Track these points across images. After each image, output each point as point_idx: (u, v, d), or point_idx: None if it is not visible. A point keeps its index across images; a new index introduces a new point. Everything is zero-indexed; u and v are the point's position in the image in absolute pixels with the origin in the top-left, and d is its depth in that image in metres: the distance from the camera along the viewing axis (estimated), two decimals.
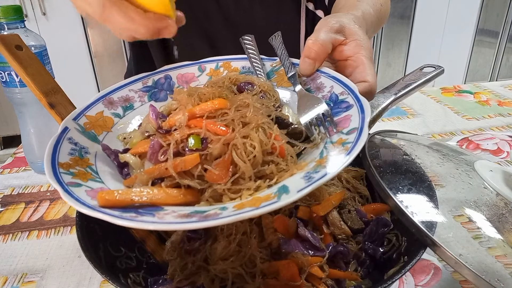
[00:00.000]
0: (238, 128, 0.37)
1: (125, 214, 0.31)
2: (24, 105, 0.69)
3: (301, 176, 0.34)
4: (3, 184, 0.73)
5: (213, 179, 0.35)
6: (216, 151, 0.36)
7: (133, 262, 0.46)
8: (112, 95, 0.49)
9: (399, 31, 2.77)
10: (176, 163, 0.35)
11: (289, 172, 0.36)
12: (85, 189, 0.34)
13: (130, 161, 0.40)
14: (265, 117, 0.40)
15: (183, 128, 0.38)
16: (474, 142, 0.82)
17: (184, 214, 0.32)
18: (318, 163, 0.36)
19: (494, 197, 0.44)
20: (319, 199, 0.49)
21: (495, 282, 0.35)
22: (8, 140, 2.73)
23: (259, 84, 0.50)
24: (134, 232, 0.46)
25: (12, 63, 0.47)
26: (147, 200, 0.33)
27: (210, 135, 0.36)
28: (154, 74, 0.53)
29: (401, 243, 0.45)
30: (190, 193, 0.35)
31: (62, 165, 0.36)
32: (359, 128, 0.37)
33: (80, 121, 0.44)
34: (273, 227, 0.45)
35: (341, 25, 0.50)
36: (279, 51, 0.53)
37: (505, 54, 3.04)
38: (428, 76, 0.60)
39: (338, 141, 0.38)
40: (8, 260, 0.55)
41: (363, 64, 0.48)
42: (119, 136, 0.46)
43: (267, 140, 0.37)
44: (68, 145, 0.40)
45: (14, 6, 0.64)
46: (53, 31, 2.31)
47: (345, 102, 0.43)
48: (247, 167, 0.35)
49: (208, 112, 0.39)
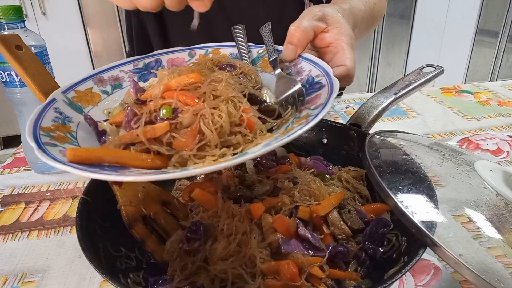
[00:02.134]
0: (208, 100, 0.38)
1: (90, 168, 0.33)
2: (24, 105, 0.69)
3: (262, 145, 0.36)
4: (3, 184, 0.73)
5: (179, 146, 0.36)
6: (186, 121, 0.37)
7: (133, 262, 0.46)
8: (103, 74, 0.51)
9: (399, 31, 2.77)
10: (147, 129, 0.37)
11: (255, 142, 0.38)
12: (59, 149, 0.36)
13: (107, 129, 0.42)
14: (237, 92, 0.41)
15: (157, 99, 0.39)
16: (474, 142, 0.82)
17: (144, 172, 0.34)
18: (281, 134, 0.38)
19: (494, 197, 0.44)
20: (319, 199, 0.49)
21: (495, 282, 0.35)
22: (8, 140, 2.73)
23: (240, 66, 0.51)
24: (134, 232, 0.46)
25: (12, 63, 0.47)
26: (114, 160, 0.35)
27: (182, 106, 0.38)
28: (145, 57, 0.55)
29: (401, 243, 0.45)
30: (158, 158, 0.37)
31: (43, 128, 0.38)
32: (324, 104, 0.39)
33: (68, 95, 0.46)
34: (273, 227, 0.45)
35: (324, 14, 0.52)
36: (266, 39, 0.55)
37: (505, 54, 3.04)
38: (428, 76, 0.60)
39: (304, 115, 0.40)
40: (8, 260, 0.55)
41: (342, 49, 0.49)
42: (105, 111, 0.47)
43: (235, 112, 0.38)
44: (53, 113, 0.42)
45: (14, 6, 0.64)
46: (53, 31, 2.31)
47: (318, 83, 0.45)
48: (213, 136, 0.36)
49: (182, 85, 0.40)
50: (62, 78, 0.69)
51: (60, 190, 0.71)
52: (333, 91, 0.40)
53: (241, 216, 0.45)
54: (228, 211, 0.46)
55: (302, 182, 0.51)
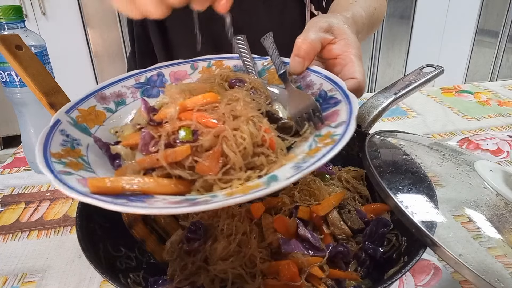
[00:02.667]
0: (228, 121, 0.37)
1: (116, 200, 0.31)
2: (24, 105, 0.69)
3: (290, 167, 0.35)
4: (3, 184, 0.73)
5: (203, 171, 0.35)
6: (207, 143, 0.36)
7: (133, 262, 0.46)
8: (104, 91, 0.49)
9: (399, 31, 2.77)
10: (167, 153, 0.35)
11: (279, 163, 0.37)
12: (76, 178, 0.35)
13: (121, 152, 0.40)
14: (255, 111, 0.40)
15: (174, 121, 0.38)
16: (474, 142, 0.82)
17: (174, 201, 0.32)
18: (306, 154, 0.37)
19: (494, 197, 0.44)
20: (319, 199, 0.49)
21: (495, 282, 0.35)
22: (8, 140, 2.73)
23: (250, 81, 0.50)
24: (134, 232, 0.46)
25: (12, 63, 0.47)
26: (138, 188, 0.33)
27: (201, 127, 0.37)
28: (147, 71, 0.54)
29: (401, 243, 0.45)
30: (181, 183, 0.35)
31: (53, 154, 0.37)
32: (347, 121, 0.38)
33: (72, 114, 0.44)
34: (273, 227, 0.45)
35: (330, 25, 0.51)
36: (270, 50, 0.54)
37: (505, 54, 3.03)
38: (428, 76, 0.60)
39: (326, 134, 0.39)
40: (8, 260, 0.55)
41: (351, 61, 0.49)
42: (111, 130, 0.46)
43: (257, 132, 0.37)
44: (60, 136, 0.40)
45: (14, 6, 0.64)
46: (53, 31, 2.31)
47: (333, 98, 0.44)
48: (237, 158, 0.35)
49: (199, 106, 0.39)
50: (62, 78, 0.69)
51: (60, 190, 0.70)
52: (353, 107, 0.39)
53: (241, 216, 0.45)
54: (228, 211, 0.46)
55: (302, 182, 0.51)
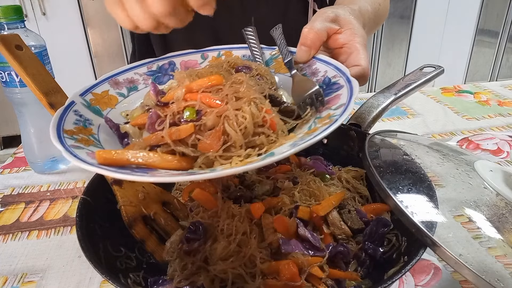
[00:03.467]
0: (231, 101, 0.38)
1: (121, 169, 0.34)
2: (24, 105, 0.69)
3: (288, 145, 0.37)
4: (3, 184, 0.73)
5: (205, 148, 0.36)
6: (210, 122, 0.37)
7: (133, 262, 0.46)
8: (117, 77, 0.51)
9: (399, 31, 2.77)
10: (172, 131, 0.37)
11: (279, 143, 0.38)
12: (86, 151, 0.36)
13: (130, 131, 0.42)
14: (258, 93, 0.41)
15: (179, 101, 0.40)
16: (474, 142, 0.82)
17: (175, 173, 0.34)
18: (305, 134, 0.38)
19: (494, 197, 0.44)
20: (319, 199, 0.49)
21: (495, 282, 0.35)
22: (8, 140, 2.73)
23: (256, 68, 0.51)
24: (134, 232, 0.46)
25: (12, 63, 0.47)
26: (143, 162, 0.35)
27: (205, 107, 0.38)
28: (159, 60, 0.56)
29: (401, 243, 0.45)
30: (184, 160, 0.37)
31: (66, 131, 0.39)
32: (346, 104, 0.39)
33: (86, 97, 0.46)
34: (273, 227, 0.45)
35: (336, 15, 0.52)
36: (278, 40, 0.55)
37: (505, 54, 3.03)
38: (428, 76, 0.60)
39: (326, 116, 0.40)
40: (8, 260, 0.55)
41: (356, 50, 0.50)
42: (122, 113, 0.48)
43: (258, 113, 0.38)
44: (74, 116, 0.42)
45: (14, 6, 0.64)
46: (53, 31, 2.31)
47: (336, 84, 0.45)
48: (238, 136, 0.36)
49: (204, 87, 0.41)
50: (62, 78, 0.69)
51: (60, 190, 0.71)
52: (353, 91, 0.41)
53: (241, 216, 0.45)
54: (228, 211, 0.46)
55: (302, 182, 0.51)
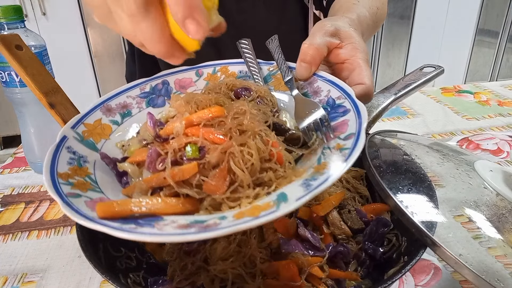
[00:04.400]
0: (235, 136, 0.36)
1: (124, 225, 0.31)
2: (24, 105, 0.69)
3: (299, 184, 0.34)
4: (3, 184, 0.73)
5: (210, 190, 0.35)
6: (214, 160, 0.35)
7: (133, 262, 0.46)
8: (110, 102, 0.49)
9: (399, 31, 2.77)
10: (174, 172, 0.35)
11: (288, 179, 0.36)
12: (84, 200, 0.34)
13: (128, 170, 0.40)
14: (262, 124, 0.40)
15: (180, 137, 0.38)
16: (474, 142, 0.82)
17: (183, 224, 0.31)
18: (316, 169, 0.36)
19: (494, 197, 0.44)
20: (319, 199, 0.49)
21: (495, 282, 0.35)
22: (8, 140, 2.73)
23: (255, 90, 0.49)
24: None
25: (12, 63, 0.47)
26: (146, 211, 0.33)
27: (208, 144, 0.36)
28: (151, 79, 0.53)
29: (401, 243, 0.45)
30: (189, 202, 0.35)
31: (61, 175, 0.36)
32: (356, 134, 0.37)
33: (78, 129, 0.43)
34: (273, 227, 0.45)
35: (336, 28, 0.50)
36: (276, 55, 0.53)
37: (505, 54, 3.04)
38: (428, 76, 0.60)
39: (336, 146, 0.38)
40: (8, 260, 0.55)
41: (359, 66, 0.48)
42: (118, 144, 0.46)
43: (264, 147, 0.37)
44: (67, 154, 0.40)
45: (14, 6, 0.64)
46: (53, 31, 2.31)
47: (342, 106, 0.43)
48: (245, 176, 0.35)
49: (205, 120, 0.39)
50: (62, 78, 0.69)
51: None
52: (362, 117, 0.38)
53: None
54: None
55: None
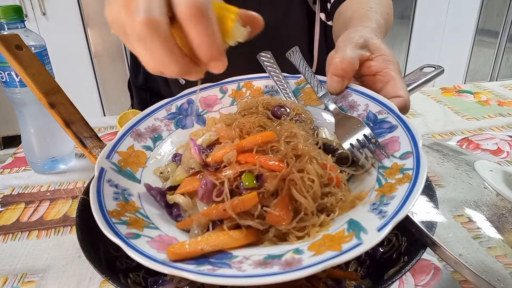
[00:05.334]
0: (292, 162, 0.35)
1: (201, 267, 0.30)
2: (24, 105, 0.69)
3: (367, 209, 0.33)
4: (3, 184, 0.73)
5: (275, 222, 0.34)
6: (273, 188, 0.35)
7: (133, 262, 0.45)
8: (138, 126, 0.48)
9: (399, 31, 2.77)
10: (235, 203, 0.34)
11: (349, 203, 0.35)
12: (146, 240, 0.34)
13: (180, 202, 0.39)
14: (315, 147, 0.38)
15: (233, 165, 0.37)
16: (474, 142, 0.82)
17: (259, 261, 0.31)
18: (380, 192, 0.35)
19: (494, 197, 0.44)
20: None
21: (495, 282, 0.35)
22: (8, 140, 2.73)
23: (292, 108, 0.48)
24: None
25: (12, 63, 0.47)
26: (214, 248, 0.33)
27: (264, 171, 0.35)
28: (176, 99, 0.52)
29: (401, 243, 0.45)
30: (252, 234, 0.34)
31: (111, 213, 0.36)
32: (415, 154, 0.36)
33: (113, 159, 0.43)
34: None
35: (365, 40, 0.49)
36: (302, 68, 0.52)
37: (505, 54, 3.04)
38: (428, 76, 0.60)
39: (394, 166, 0.37)
40: (8, 260, 0.55)
41: (393, 79, 0.47)
42: (156, 171, 0.45)
43: (323, 172, 0.36)
44: (110, 188, 0.39)
45: (14, 6, 0.64)
46: (53, 31, 2.31)
47: (386, 122, 0.42)
48: (308, 203, 0.34)
49: (257, 146, 0.38)
50: (62, 78, 0.69)
51: (60, 190, 0.71)
52: (416, 137, 0.37)
53: None
54: None
55: None
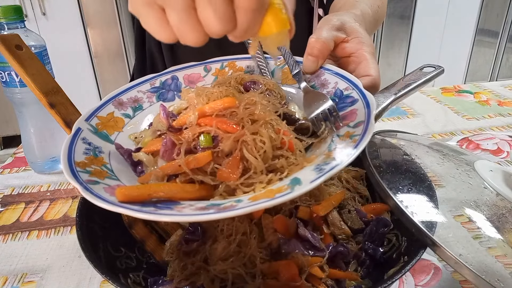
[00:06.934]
0: (247, 125, 0.38)
1: (144, 208, 0.32)
2: (24, 105, 0.69)
3: (311, 169, 0.35)
4: (3, 184, 0.73)
5: (225, 177, 0.36)
6: (227, 148, 0.37)
7: (133, 262, 0.46)
8: (121, 96, 0.50)
9: (399, 31, 2.77)
10: (189, 160, 0.36)
11: (299, 165, 0.37)
12: (103, 186, 0.36)
13: (143, 159, 0.41)
14: (273, 114, 0.41)
15: (194, 127, 0.39)
16: (474, 142, 0.82)
17: (201, 207, 0.33)
18: (327, 155, 0.37)
19: (494, 197, 0.44)
20: (319, 199, 0.49)
21: (495, 282, 0.35)
22: (8, 140, 2.73)
23: (264, 83, 0.50)
24: (134, 232, 0.46)
25: (12, 63, 0.47)
26: (164, 195, 0.34)
27: (221, 133, 0.37)
28: (161, 75, 0.54)
29: (401, 243, 0.45)
30: (204, 188, 0.36)
31: (78, 164, 0.38)
32: (365, 121, 0.38)
33: (92, 122, 0.45)
34: (273, 227, 0.45)
35: (342, 23, 0.51)
36: (283, 50, 0.54)
37: (505, 54, 3.03)
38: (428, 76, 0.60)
39: (346, 134, 0.39)
40: (8, 260, 0.55)
41: (365, 59, 0.49)
42: (131, 136, 0.47)
43: (276, 135, 0.38)
44: (82, 144, 0.41)
45: (14, 6, 0.64)
46: (53, 31, 2.31)
47: (350, 97, 0.44)
48: (258, 162, 0.36)
49: (217, 111, 0.40)
50: (62, 78, 0.69)
51: (60, 190, 0.71)
52: (371, 107, 0.39)
53: (241, 216, 0.45)
54: None
55: None
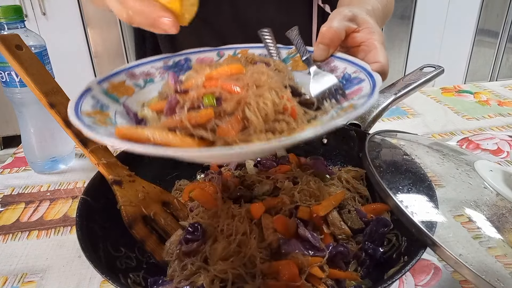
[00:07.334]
0: (252, 89, 0.38)
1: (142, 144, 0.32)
2: (24, 105, 0.69)
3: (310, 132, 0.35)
4: (3, 184, 0.73)
5: (224, 132, 0.36)
6: (230, 108, 0.36)
7: (133, 262, 0.46)
8: (134, 69, 0.51)
9: (399, 31, 2.77)
10: (191, 115, 0.36)
11: (299, 129, 0.37)
12: (104, 129, 0.36)
13: (148, 116, 0.41)
14: (279, 83, 0.41)
15: (199, 88, 0.39)
16: (474, 142, 0.82)
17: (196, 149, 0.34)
18: (329, 119, 0.38)
19: (494, 197, 0.44)
20: (319, 199, 0.49)
21: (495, 282, 0.35)
22: (8, 140, 2.73)
23: (274, 64, 0.51)
24: (134, 232, 0.46)
25: (12, 63, 0.47)
26: (161, 141, 0.34)
27: (225, 94, 0.37)
28: (175, 56, 0.55)
29: (401, 243, 0.45)
30: (203, 144, 0.36)
31: (83, 112, 0.38)
32: (369, 93, 0.38)
33: (103, 85, 0.45)
34: (273, 227, 0.45)
35: (354, 14, 0.52)
36: (295, 40, 0.55)
37: (505, 54, 3.03)
38: (428, 76, 0.60)
39: (349, 106, 0.39)
40: (8, 260, 0.55)
41: (375, 48, 0.50)
42: (139, 102, 0.47)
43: (279, 100, 0.38)
44: (91, 99, 0.41)
45: (14, 6, 0.64)
46: (53, 31, 2.31)
47: (357, 78, 0.44)
48: (258, 121, 0.36)
49: (224, 76, 0.40)
50: (62, 78, 0.69)
51: (60, 190, 0.71)
52: (376, 82, 0.40)
53: (241, 216, 0.45)
54: (228, 212, 0.46)
55: (302, 182, 0.51)
